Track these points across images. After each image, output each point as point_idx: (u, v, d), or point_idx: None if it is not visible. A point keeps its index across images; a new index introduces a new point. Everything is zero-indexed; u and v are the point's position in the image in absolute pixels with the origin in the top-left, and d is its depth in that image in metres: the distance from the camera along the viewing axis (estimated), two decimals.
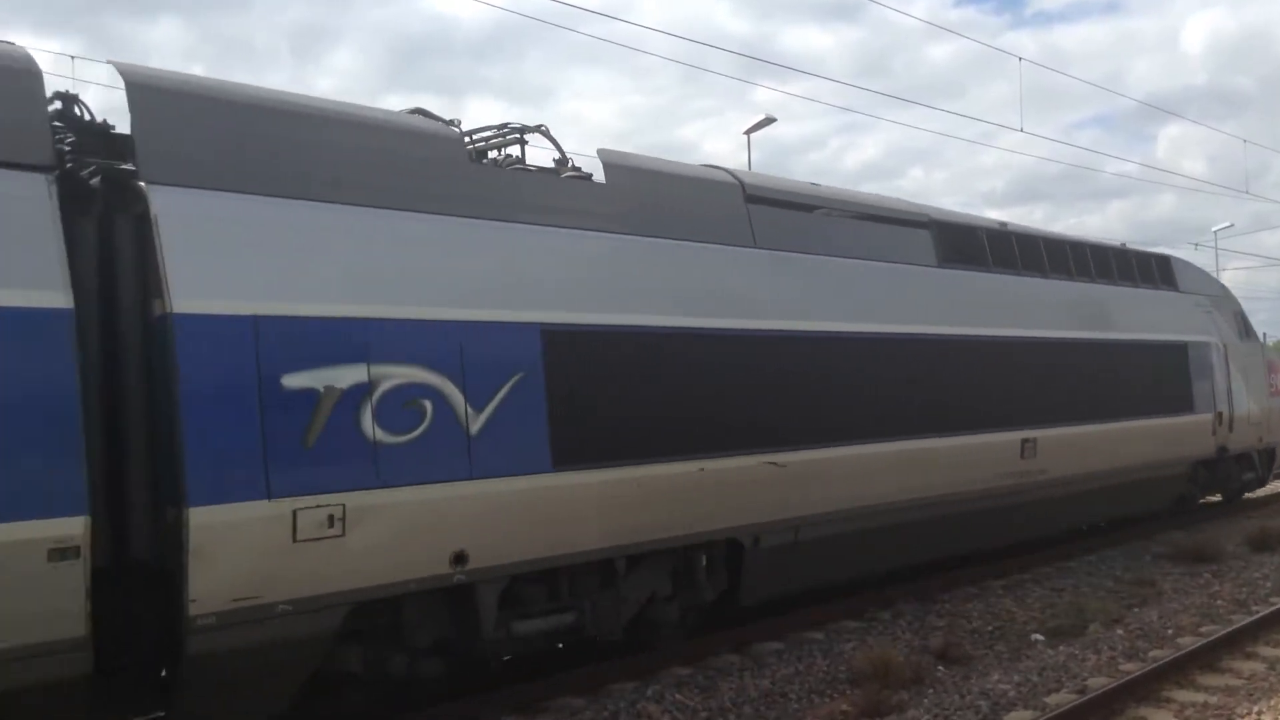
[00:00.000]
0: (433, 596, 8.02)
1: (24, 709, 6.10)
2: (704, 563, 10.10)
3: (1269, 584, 13.43)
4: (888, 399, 11.63)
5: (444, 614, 8.22)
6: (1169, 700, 8.98)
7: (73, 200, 6.62)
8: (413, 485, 7.62)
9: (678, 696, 9.32)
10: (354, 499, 7.29)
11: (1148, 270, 17.62)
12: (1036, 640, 11.06)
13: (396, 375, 7.59)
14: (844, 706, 8.85)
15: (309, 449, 7.12)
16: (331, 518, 7.18)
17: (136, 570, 6.83)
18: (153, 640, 6.95)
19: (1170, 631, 11.19)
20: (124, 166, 7.03)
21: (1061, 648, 10.63)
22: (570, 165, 9.97)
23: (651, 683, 9.65)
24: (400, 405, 7.59)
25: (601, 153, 10.04)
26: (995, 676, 9.66)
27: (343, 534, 7.23)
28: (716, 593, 10.37)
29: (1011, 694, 9.16)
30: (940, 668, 10.05)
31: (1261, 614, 11.42)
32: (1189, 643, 10.45)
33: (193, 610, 6.60)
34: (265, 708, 7.40)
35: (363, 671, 7.87)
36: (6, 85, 6.52)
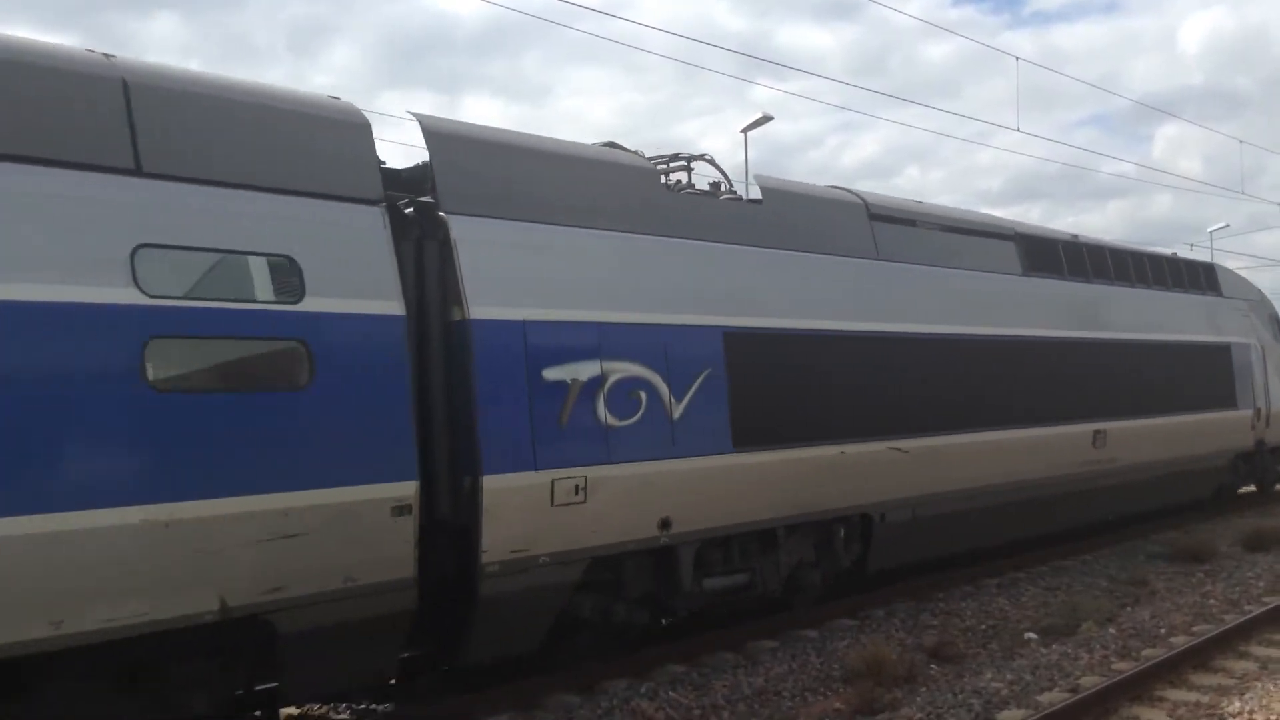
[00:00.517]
0: (645, 555, 9.65)
1: (367, 637, 7.75)
2: (842, 534, 11.63)
3: (1262, 584, 13.47)
4: (985, 393, 13.15)
5: (651, 571, 9.82)
6: (1161, 699, 9.02)
7: (395, 227, 8.14)
8: (633, 462, 9.26)
9: (672, 694, 9.35)
10: (592, 472, 8.93)
11: (1196, 277, 19.18)
12: (1030, 639, 11.09)
13: (621, 370, 9.24)
14: (837, 704, 8.88)
15: (562, 429, 8.77)
16: (577, 487, 8.82)
17: (440, 528, 8.30)
18: (451, 584, 8.43)
19: (1163, 631, 11.22)
20: (424, 199, 8.62)
21: (1055, 646, 10.66)
22: (728, 188, 11.57)
23: (646, 680, 9.69)
24: (624, 395, 9.25)
25: (758, 178, 11.75)
26: (988, 675, 9.69)
27: (584, 501, 8.86)
28: (850, 561, 11.85)
29: (1004, 692, 9.19)
30: (933, 666, 10.08)
31: (1254, 613, 11.46)
32: (1181, 642, 10.49)
33: (484, 559, 8.22)
34: (526, 645, 9.06)
35: (591, 617, 9.48)
36: (349, 136, 8.15)
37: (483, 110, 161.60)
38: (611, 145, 10.77)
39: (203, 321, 7.02)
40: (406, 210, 8.58)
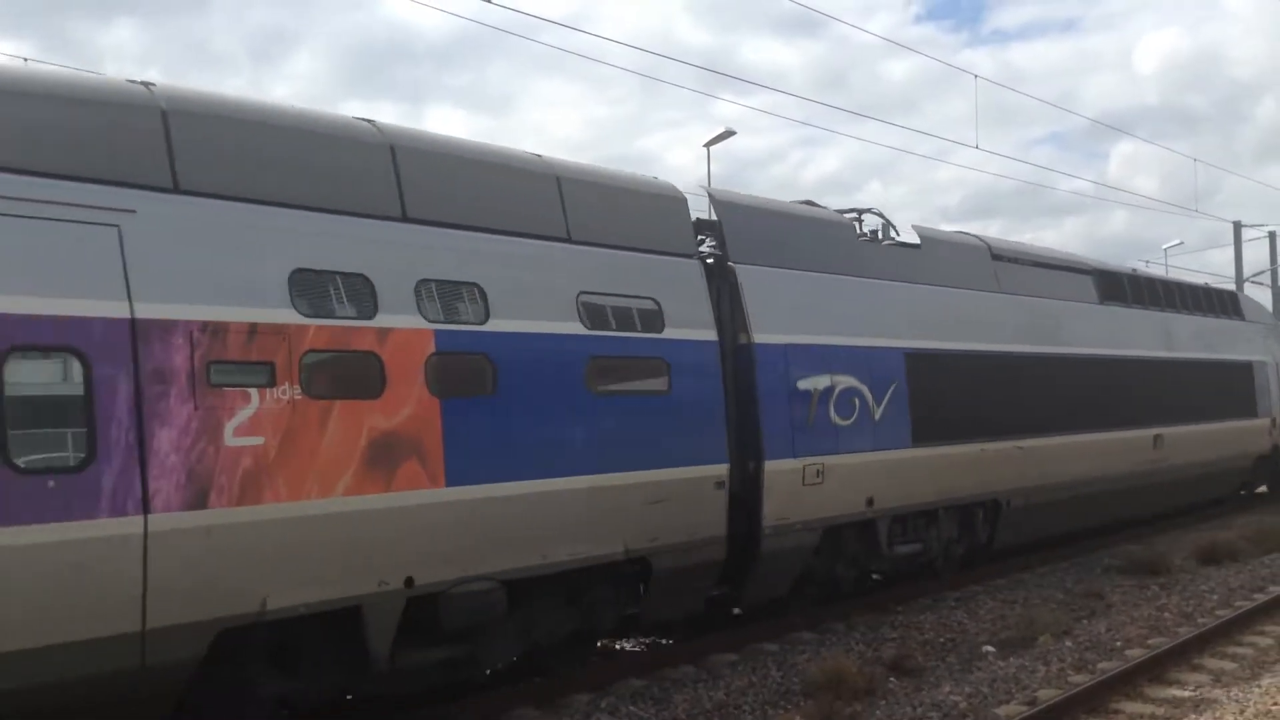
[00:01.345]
0: (856, 526, 12.43)
1: (696, 577, 10.62)
2: (980, 516, 14.48)
3: (1215, 597, 13.63)
4: (1076, 402, 15.95)
5: (858, 538, 12.58)
6: (1117, 711, 9.11)
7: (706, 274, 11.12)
8: (852, 453, 12.13)
9: (632, 708, 9.34)
10: (827, 460, 11.78)
11: (1224, 304, 22.48)
12: (988, 652, 11.16)
13: (844, 382, 12.12)
14: (797, 718, 8.89)
15: (809, 427, 11.65)
16: (818, 471, 11.65)
17: (733, 500, 10.88)
18: (740, 542, 11.01)
19: (1119, 643, 11.33)
20: (717, 251, 11.50)
21: (1012, 659, 10.74)
22: (894, 234, 14.28)
23: (606, 694, 9.68)
24: (846, 401, 12.12)
25: (916, 227, 14.63)
26: (946, 688, 9.74)
27: (822, 482, 11.69)
28: (984, 538, 14.62)
29: (962, 705, 9.24)
30: (893, 679, 10.13)
31: (1207, 627, 11.60)
32: (1137, 655, 10.60)
33: (764, 524, 11.04)
34: (781, 591, 11.94)
35: (821, 573, 12.28)
36: (677, 208, 11.30)
37: (446, 121, 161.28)
38: (809, 204, 13.83)
39: (614, 345, 9.93)
40: (708, 261, 11.28)
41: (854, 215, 14.14)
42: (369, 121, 9.11)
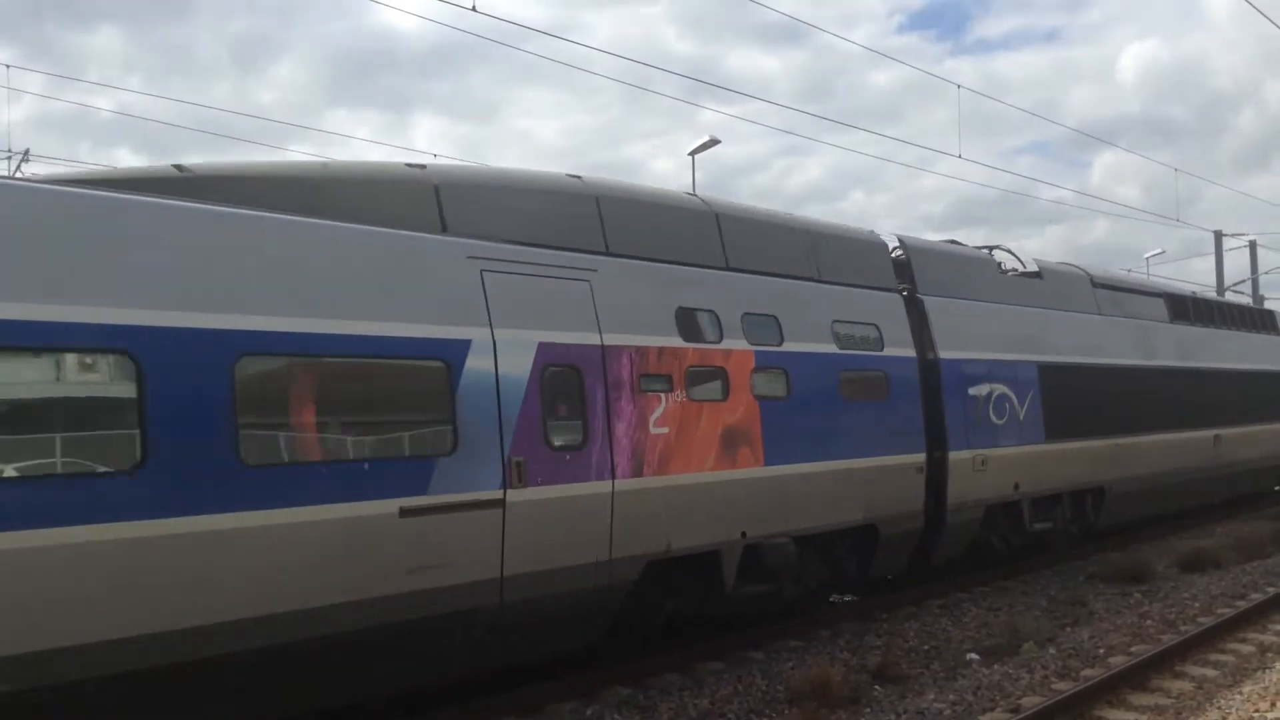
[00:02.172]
0: (1005, 506, 15.17)
1: (903, 543, 13.35)
2: (1090, 501, 17.24)
3: (1198, 604, 13.69)
4: (1157, 406, 18.67)
5: (1007, 516, 15.32)
6: (1100, 718, 9.15)
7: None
8: (1004, 447, 14.90)
9: (617, 716, 9.35)
10: (988, 452, 14.56)
11: (1264, 321, 25.78)
12: (972, 659, 11.20)
13: (998, 389, 14.95)
14: None
15: (976, 426, 14.41)
16: (983, 461, 14.43)
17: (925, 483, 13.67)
18: (929, 517, 13.72)
19: (1102, 651, 11.38)
20: (907, 286, 14.28)
21: (996, 667, 10.77)
22: (1018, 266, 16.93)
23: (592, 703, 9.67)
24: (999, 404, 14.86)
25: (1037, 260, 17.50)
26: (931, 696, 9.77)
27: (985, 470, 14.44)
28: (1091, 520, 17.41)
29: (947, 713, 9.27)
30: (877, 687, 10.15)
31: (1190, 634, 11.66)
32: (1120, 662, 10.64)
33: (949, 502, 13.83)
34: (956, 554, 14.66)
35: (981, 543, 15.05)
36: (883, 252, 14.22)
37: (429, 128, 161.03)
38: (954, 242, 16.66)
39: (855, 361, 12.67)
40: (903, 293, 14.02)
41: (987, 250, 17.17)
42: (695, 195, 12.93)
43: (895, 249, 14.59)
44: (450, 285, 8.87)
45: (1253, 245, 42.54)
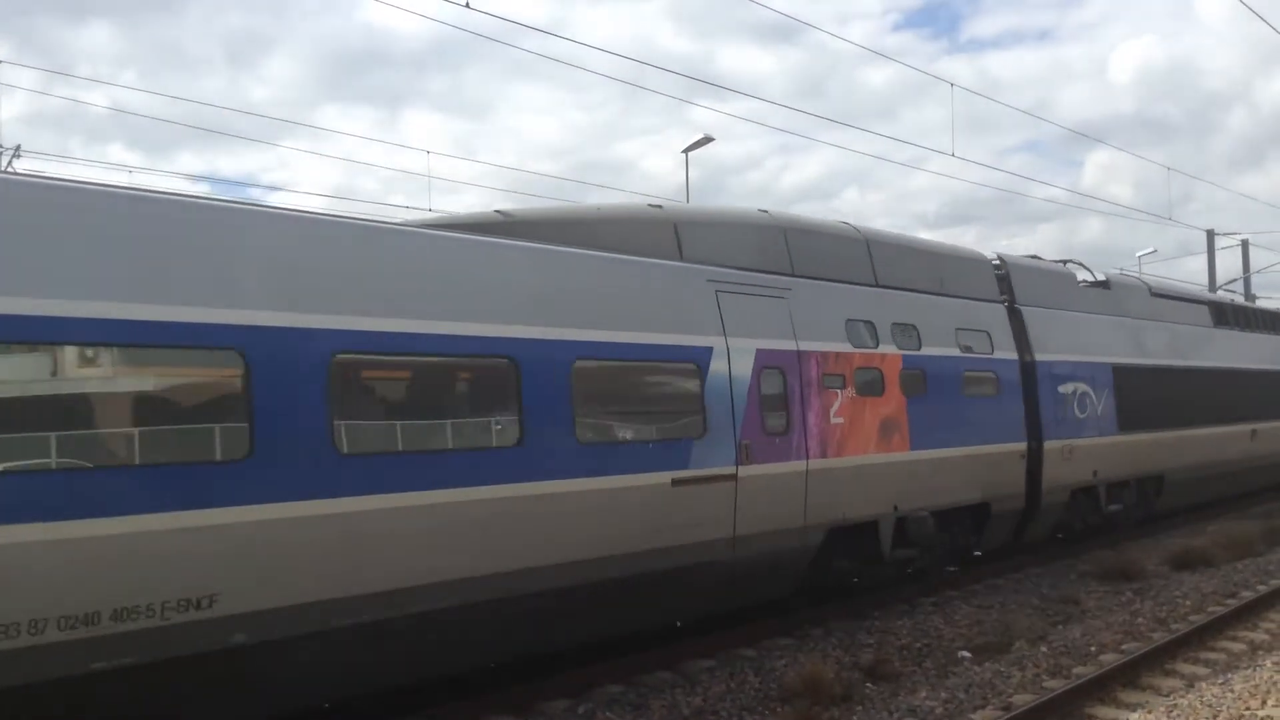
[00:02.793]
0: (1085, 490, 17.19)
1: (1008, 520, 15.43)
2: (1152, 487, 19.36)
3: (1189, 602, 13.72)
4: (1204, 403, 20.59)
5: (1083, 500, 17.28)
6: (1091, 716, 9.19)
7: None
8: (1086, 438, 16.84)
9: (609, 714, 9.34)
10: (1074, 442, 16.54)
11: None
12: (964, 657, 11.21)
13: (1080, 387, 16.87)
14: None
15: (1063, 419, 16.33)
16: (1070, 450, 16.42)
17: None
18: (1026, 499, 15.65)
19: (1093, 649, 11.40)
20: (1007, 297, 16.32)
21: (988, 665, 10.79)
22: (1087, 277, 19.23)
23: (584, 701, 9.66)
24: (1081, 400, 16.79)
25: (1106, 272, 19.89)
26: (923, 694, 9.77)
27: (1071, 458, 16.44)
28: (1152, 504, 19.71)
29: (939, 711, 9.28)
30: (869, 685, 10.16)
31: (1181, 632, 11.69)
32: (1111, 660, 10.67)
33: (1044, 486, 15.73)
34: (1047, 533, 16.96)
35: (1065, 522, 17.22)
36: (989, 268, 16.23)
37: (424, 125, 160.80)
38: (1034, 257, 18.50)
39: (973, 363, 14.71)
40: (1004, 304, 16.06)
41: (1061, 263, 19.23)
42: (848, 224, 14.45)
43: (996, 265, 16.59)
44: (697, 303, 11.08)
45: (1245, 244, 42.68)
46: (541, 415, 9.19)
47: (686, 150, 32.49)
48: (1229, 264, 43.90)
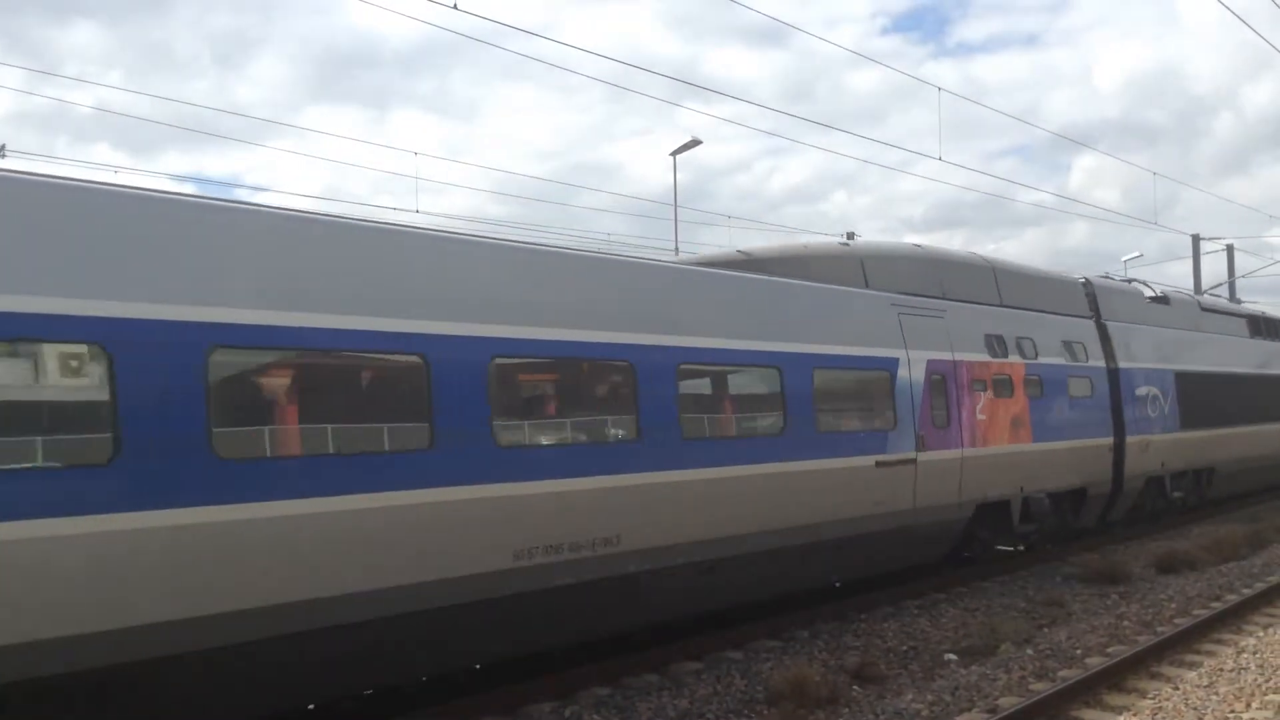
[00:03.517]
0: (1153, 478, 19.80)
1: (1099, 502, 18.29)
2: (1204, 477, 22.22)
3: (1174, 605, 13.77)
4: (1243, 405, 23.37)
5: (1154, 486, 20.00)
6: (1077, 719, 9.17)
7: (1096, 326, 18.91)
8: (1157, 434, 19.39)
9: (595, 717, 9.31)
10: (1148, 438, 19.06)
11: None
12: (949, 660, 11.22)
13: (1152, 391, 19.48)
14: None
15: (1140, 418, 18.92)
16: (1146, 444, 18.99)
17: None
18: (1111, 484, 18.30)
19: (1079, 652, 11.42)
20: (1093, 313, 19.08)
21: (974, 667, 10.80)
22: (1149, 293, 21.95)
23: (570, 703, 9.63)
24: (1151, 402, 19.30)
25: (1166, 288, 22.80)
26: (909, 696, 9.78)
27: (1146, 451, 19.00)
28: (1203, 493, 22.44)
29: (925, 713, 9.28)
30: (855, 687, 10.16)
31: (1166, 635, 11.71)
32: (1097, 663, 10.69)
33: (1125, 474, 18.45)
34: (1123, 514, 19.39)
35: (1141, 505, 19.85)
36: (1081, 290, 19.12)
37: (412, 126, 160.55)
38: (1107, 276, 21.36)
39: (1075, 370, 17.26)
40: (1093, 318, 18.80)
41: (1127, 282, 22.71)
42: (976, 254, 17.45)
43: (1085, 285, 19.44)
44: (887, 322, 13.85)
45: (1230, 249, 42.86)
46: (798, 409, 11.92)
47: (674, 153, 32.54)
48: (1214, 268, 44.15)
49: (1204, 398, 21.32)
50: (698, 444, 10.92)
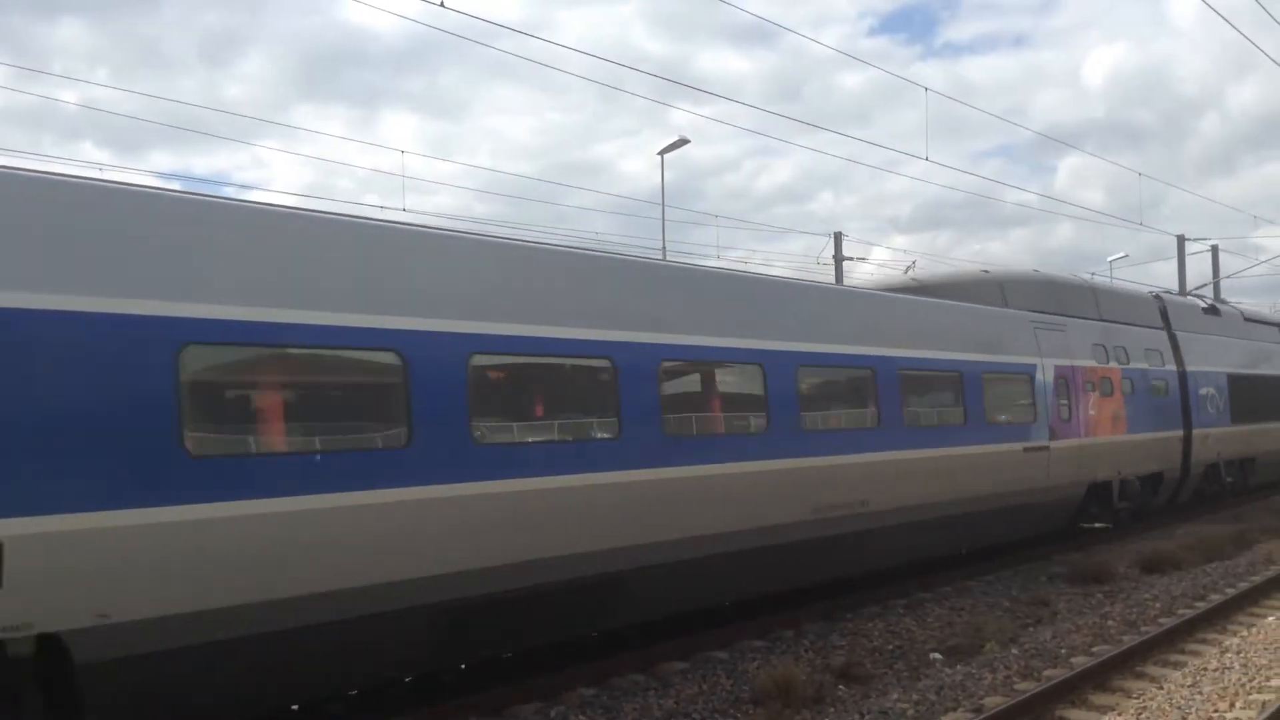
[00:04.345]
0: (1211, 465, 23.20)
1: (1170, 485, 21.59)
2: (1248, 466, 25.27)
3: (1158, 605, 13.80)
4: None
5: (1209, 473, 23.24)
6: (1062, 719, 9.19)
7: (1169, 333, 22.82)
8: (1213, 428, 22.91)
9: (580, 717, 9.29)
10: (1208, 431, 22.66)
11: None
12: (935, 659, 11.23)
13: (1210, 390, 22.94)
14: None
15: (1202, 413, 22.46)
16: (1206, 437, 22.61)
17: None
18: (1179, 472, 21.99)
19: (1064, 651, 11.43)
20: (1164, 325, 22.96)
21: (959, 667, 10.80)
22: (1201, 304, 26.10)
23: (555, 704, 9.61)
24: (1210, 400, 22.85)
25: (1212, 300, 28.37)
26: (894, 696, 9.78)
27: (1206, 443, 22.57)
28: (1247, 480, 25.49)
29: (910, 713, 9.28)
30: (841, 687, 10.15)
31: (1151, 634, 11.74)
32: (1082, 662, 10.70)
33: (1192, 462, 22.12)
34: (1189, 497, 22.89)
35: (1200, 487, 23.12)
36: (1154, 305, 23.00)
37: (401, 125, 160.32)
38: (1167, 292, 25.20)
39: (1156, 375, 20.86)
40: (1161, 330, 21.94)
41: (1183, 296, 27.57)
42: (1077, 275, 21.98)
43: (1157, 300, 23.05)
44: (1026, 336, 17.16)
45: (1214, 250, 43.01)
46: (974, 404, 15.42)
47: (662, 152, 32.52)
48: (1199, 269, 44.34)
49: (1248, 397, 24.87)
50: (920, 431, 14.45)
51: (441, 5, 12.78)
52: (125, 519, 6.80)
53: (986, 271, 19.37)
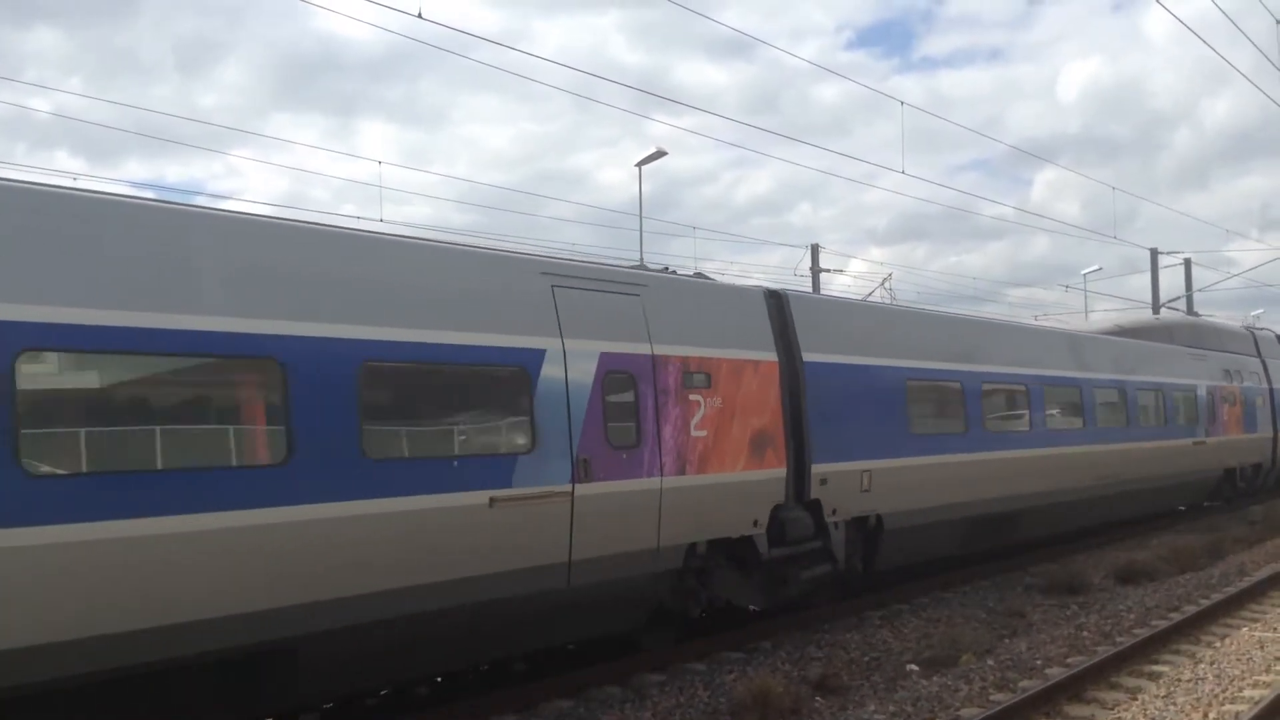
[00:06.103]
0: (1223, 471, 26.34)
1: (1253, 478, 28.41)
2: None
3: (1133, 616, 13.86)
4: None
5: (1259, 468, 28.72)
6: None
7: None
8: (1230, 436, 26.19)
9: None
10: (1236, 440, 26.67)
11: None
12: (911, 671, 11.24)
13: (1232, 402, 26.22)
14: None
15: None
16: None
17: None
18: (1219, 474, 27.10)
19: (1039, 662, 11.47)
20: (1252, 351, 30.67)
21: (935, 678, 10.82)
22: (1275, 334, 32.64)
23: (532, 716, 9.57)
24: (1262, 409, 28.22)
25: (1255, 327, 34.03)
26: (871, 707, 9.79)
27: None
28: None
29: None
30: (818, 698, 10.15)
31: (1125, 646, 11.78)
32: (1057, 673, 10.72)
33: (1277, 456, 29.68)
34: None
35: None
36: (1248, 336, 30.45)
37: (377, 134, 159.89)
38: (1250, 328, 31.73)
39: (1253, 392, 27.86)
40: (1255, 357, 29.14)
41: (1246, 328, 31.47)
42: (1200, 315, 31.77)
43: (1249, 331, 29.80)
44: (1193, 365, 23.77)
45: (1188, 263, 43.42)
46: (1170, 410, 21.67)
47: (640, 164, 32.51)
48: (1172, 282, 44.68)
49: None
50: (1147, 429, 21.28)
51: (419, 16, 12.79)
52: None
53: (1158, 318, 28.49)
